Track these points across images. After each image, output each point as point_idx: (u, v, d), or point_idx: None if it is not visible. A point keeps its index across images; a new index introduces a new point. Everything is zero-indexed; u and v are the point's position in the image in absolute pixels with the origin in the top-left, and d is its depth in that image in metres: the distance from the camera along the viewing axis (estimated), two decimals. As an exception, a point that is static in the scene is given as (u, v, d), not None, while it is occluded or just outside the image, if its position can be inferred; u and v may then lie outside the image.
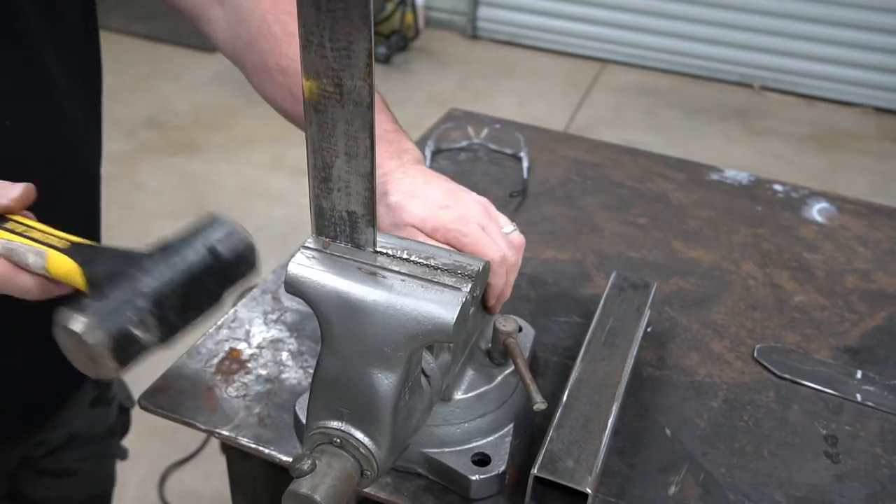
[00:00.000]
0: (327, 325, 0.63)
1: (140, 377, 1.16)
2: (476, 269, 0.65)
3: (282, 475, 0.97)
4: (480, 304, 0.78)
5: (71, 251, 0.60)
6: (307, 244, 0.65)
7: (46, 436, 1.04)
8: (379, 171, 0.75)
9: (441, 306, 0.60)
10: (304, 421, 0.79)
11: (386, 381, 0.62)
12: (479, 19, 4.97)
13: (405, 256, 0.64)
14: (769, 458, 0.85)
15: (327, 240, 0.64)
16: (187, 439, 2.18)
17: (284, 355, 0.94)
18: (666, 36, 4.61)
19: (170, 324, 0.56)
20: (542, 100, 4.28)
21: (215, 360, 0.93)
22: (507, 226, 0.79)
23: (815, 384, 0.94)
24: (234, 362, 0.93)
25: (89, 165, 0.96)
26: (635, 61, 4.71)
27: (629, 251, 1.17)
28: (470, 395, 0.78)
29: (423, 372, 0.70)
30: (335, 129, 0.58)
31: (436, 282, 0.62)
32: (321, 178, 0.61)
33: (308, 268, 0.63)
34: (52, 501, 1.14)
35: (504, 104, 4.16)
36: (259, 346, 0.95)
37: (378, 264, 0.63)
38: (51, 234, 0.63)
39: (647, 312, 0.95)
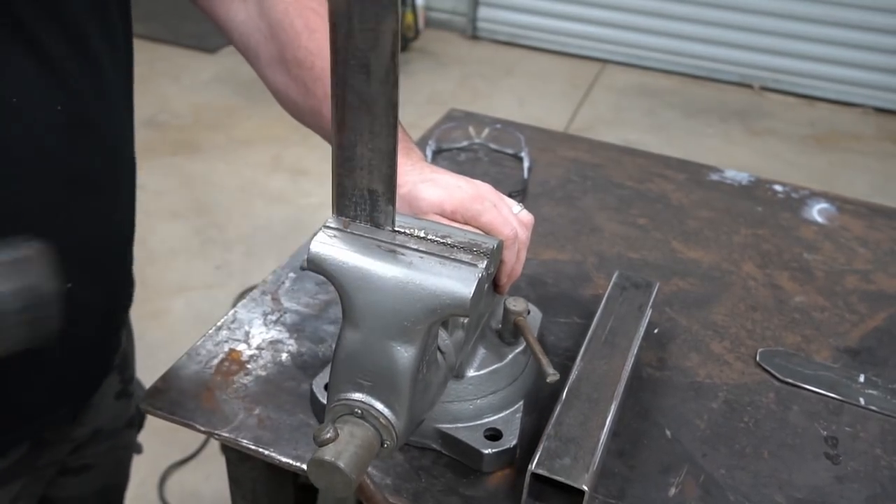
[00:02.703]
0: (349, 301, 0.65)
1: (142, 377, 1.17)
2: (491, 246, 0.68)
3: (281, 476, 0.97)
4: (491, 283, 0.81)
5: None
6: (328, 224, 0.67)
7: (77, 432, 1.05)
8: None
9: (459, 282, 0.63)
10: (320, 398, 0.82)
11: (405, 353, 0.65)
12: (479, 19, 4.98)
13: (422, 235, 0.67)
14: (769, 459, 0.85)
15: (347, 219, 0.67)
16: (187, 440, 2.18)
17: (284, 356, 0.94)
18: (666, 36, 4.61)
19: None
20: (542, 100, 4.28)
21: (215, 362, 0.92)
22: (515, 206, 0.82)
23: (818, 388, 0.94)
24: (233, 363, 0.92)
25: (129, 157, 0.96)
26: (635, 61, 4.71)
27: (629, 252, 1.17)
28: (482, 372, 0.81)
29: (439, 348, 0.73)
30: (360, 108, 0.60)
31: (453, 258, 0.65)
32: (345, 156, 0.63)
33: (330, 246, 0.65)
34: (69, 500, 1.15)
35: (504, 104, 4.16)
36: (259, 348, 0.95)
37: (397, 242, 0.66)
38: None
39: (649, 312, 0.95)
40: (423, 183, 0.79)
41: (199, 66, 4.39)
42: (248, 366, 0.92)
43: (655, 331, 1.01)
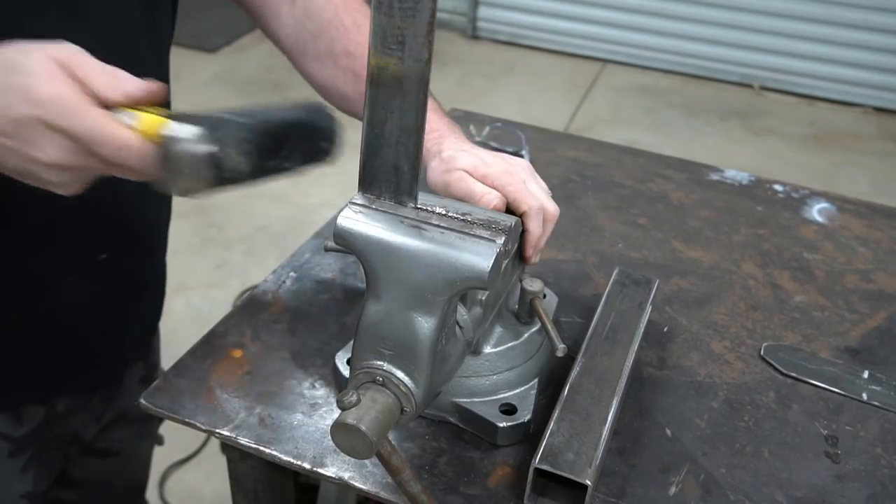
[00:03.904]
0: (373, 273, 0.69)
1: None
2: (509, 224, 0.71)
3: (282, 475, 0.97)
4: (518, 256, 0.85)
5: (164, 114, 0.63)
6: (354, 200, 0.70)
7: (101, 410, 1.08)
8: (435, 134, 0.88)
9: (478, 256, 0.66)
10: (342, 371, 0.86)
11: (426, 324, 0.68)
12: (479, 19, 4.97)
13: (443, 212, 0.70)
14: (769, 458, 0.85)
15: (372, 196, 0.70)
16: (187, 439, 2.18)
17: (285, 356, 0.94)
18: (666, 36, 4.61)
19: (259, 160, 0.59)
20: (543, 100, 4.28)
21: (216, 361, 0.92)
22: (547, 190, 0.88)
23: (822, 383, 0.94)
24: (234, 362, 0.92)
25: None
26: (635, 61, 4.70)
27: (629, 251, 1.17)
28: (498, 349, 0.85)
29: (457, 323, 0.76)
30: (393, 86, 0.64)
31: (472, 234, 0.68)
32: (374, 133, 0.66)
33: (355, 221, 0.68)
34: (96, 483, 1.20)
35: (504, 104, 4.16)
36: (259, 347, 0.95)
37: (419, 218, 0.69)
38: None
39: (649, 308, 0.95)
40: (463, 151, 0.86)
41: (199, 66, 4.39)
42: (249, 365, 0.92)
43: (665, 328, 1.01)
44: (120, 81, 0.62)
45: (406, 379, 0.69)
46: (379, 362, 0.69)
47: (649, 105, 4.28)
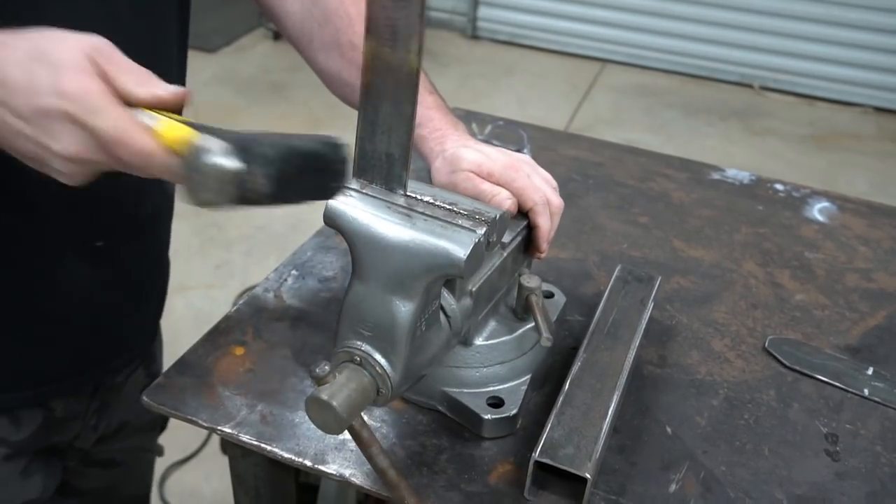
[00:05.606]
0: (357, 255, 0.71)
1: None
2: (493, 216, 0.72)
3: (284, 472, 0.97)
4: (522, 253, 0.87)
5: (187, 123, 0.63)
6: (346, 184, 0.72)
7: (97, 420, 1.08)
8: (437, 133, 0.90)
9: (456, 244, 0.68)
10: None
11: (404, 308, 0.70)
12: (479, 19, 4.98)
13: (431, 201, 0.72)
14: (770, 456, 0.85)
15: (364, 182, 0.72)
16: (188, 439, 2.18)
17: (286, 353, 0.94)
18: (666, 36, 4.61)
19: (279, 185, 0.60)
20: (542, 100, 4.28)
21: (218, 358, 0.93)
22: (552, 181, 0.90)
23: (824, 377, 0.95)
24: (236, 360, 0.93)
25: None
26: (635, 61, 4.71)
27: (630, 250, 1.17)
28: (490, 342, 0.86)
29: (444, 311, 0.77)
30: (387, 75, 0.66)
31: (454, 223, 0.70)
32: (368, 120, 0.69)
33: (344, 204, 0.71)
34: (99, 492, 1.19)
35: (504, 104, 4.16)
36: (261, 345, 0.95)
37: (406, 205, 0.71)
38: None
39: (651, 305, 0.96)
40: (465, 147, 0.87)
41: (199, 66, 4.39)
42: (251, 362, 0.92)
43: (673, 321, 1.01)
44: (149, 82, 0.63)
45: (383, 361, 0.70)
46: (358, 342, 0.71)
47: (649, 105, 4.29)
